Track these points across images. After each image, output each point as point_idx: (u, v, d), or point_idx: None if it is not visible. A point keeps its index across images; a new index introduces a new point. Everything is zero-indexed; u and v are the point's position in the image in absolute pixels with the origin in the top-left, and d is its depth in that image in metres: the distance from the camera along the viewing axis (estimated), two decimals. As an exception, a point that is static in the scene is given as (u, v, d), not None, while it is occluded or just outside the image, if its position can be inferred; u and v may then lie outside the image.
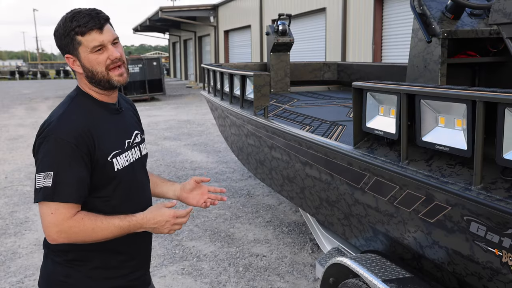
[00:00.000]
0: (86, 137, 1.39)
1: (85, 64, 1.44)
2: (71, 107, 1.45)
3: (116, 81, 1.46)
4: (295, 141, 2.99)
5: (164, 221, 1.45)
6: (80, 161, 1.37)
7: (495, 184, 1.51)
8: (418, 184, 1.82)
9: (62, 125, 1.38)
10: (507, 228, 1.45)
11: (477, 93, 1.50)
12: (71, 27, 1.40)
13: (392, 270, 2.05)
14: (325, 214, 2.92)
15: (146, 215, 1.45)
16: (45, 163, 1.35)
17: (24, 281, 3.49)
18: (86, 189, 1.40)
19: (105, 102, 1.51)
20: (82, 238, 1.38)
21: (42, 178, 1.35)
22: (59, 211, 1.34)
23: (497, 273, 1.54)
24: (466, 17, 2.80)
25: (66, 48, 1.44)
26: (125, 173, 1.50)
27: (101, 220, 1.39)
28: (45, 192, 1.34)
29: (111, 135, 1.48)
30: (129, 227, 1.43)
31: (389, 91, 1.97)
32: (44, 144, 1.37)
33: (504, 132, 1.43)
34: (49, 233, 1.36)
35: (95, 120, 1.45)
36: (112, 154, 1.46)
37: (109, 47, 1.43)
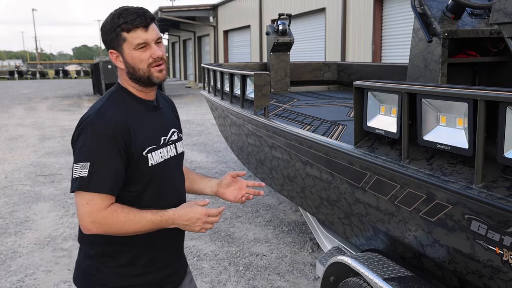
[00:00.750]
0: (122, 130, 1.41)
1: (127, 60, 1.46)
2: (110, 101, 1.48)
3: (156, 78, 1.48)
4: (296, 140, 3.00)
5: (196, 218, 1.44)
6: (116, 153, 1.40)
7: (496, 182, 1.52)
8: (419, 183, 1.82)
9: (100, 117, 1.42)
10: (508, 227, 1.46)
11: (478, 92, 1.51)
12: (118, 23, 1.44)
13: (393, 269, 2.06)
14: (325, 213, 2.93)
15: (178, 211, 1.45)
16: (82, 153, 1.38)
17: (25, 280, 3.49)
18: (121, 181, 1.42)
19: (143, 99, 1.54)
20: (114, 229, 1.40)
21: (79, 168, 1.37)
22: (93, 201, 1.37)
23: (498, 272, 1.55)
24: (466, 16, 2.81)
25: (111, 43, 1.47)
26: (159, 169, 1.51)
27: (133, 213, 1.40)
28: (80, 182, 1.36)
29: (147, 130, 1.50)
30: (160, 222, 1.43)
31: (390, 90, 1.98)
32: (82, 136, 1.40)
33: (506, 131, 1.44)
34: (83, 222, 1.38)
35: (132, 115, 1.47)
36: (147, 149, 1.47)
37: (153, 45, 1.46)
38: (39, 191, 5.84)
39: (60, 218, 4.85)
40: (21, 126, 11.68)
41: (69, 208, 5.16)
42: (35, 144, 9.18)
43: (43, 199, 5.50)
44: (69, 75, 42.93)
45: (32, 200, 5.46)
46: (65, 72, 43.36)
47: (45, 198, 5.54)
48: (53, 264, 3.77)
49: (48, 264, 3.77)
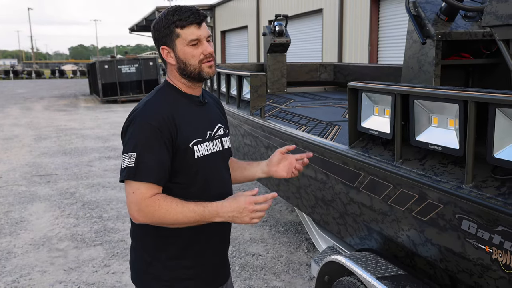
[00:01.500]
0: (169, 122, 1.46)
1: (179, 56, 1.51)
2: (157, 96, 1.54)
3: (206, 73, 1.53)
4: (291, 141, 3.02)
5: (242, 208, 1.41)
6: (162, 144, 1.43)
7: (486, 182, 1.54)
8: (411, 183, 1.85)
9: (147, 110, 1.48)
10: (497, 225, 1.49)
11: (469, 93, 1.54)
12: (172, 20, 1.48)
13: (386, 268, 2.08)
14: (320, 213, 2.95)
15: (222, 203, 1.44)
16: (130, 144, 1.44)
17: (20, 281, 3.49)
18: (166, 172, 1.46)
19: (189, 94, 1.58)
20: (157, 218, 1.42)
21: (127, 158, 1.42)
22: (139, 190, 1.41)
23: (487, 270, 1.58)
24: (460, 19, 2.84)
25: (164, 39, 1.51)
26: (205, 162, 1.54)
27: (176, 203, 1.42)
28: (128, 171, 1.41)
29: (193, 123, 1.54)
30: (203, 212, 1.42)
31: (384, 91, 2.00)
32: (130, 127, 1.46)
33: (495, 132, 1.47)
34: (131, 211, 1.43)
35: (178, 108, 1.52)
36: (193, 141, 1.51)
37: (204, 42, 1.51)
38: (35, 192, 5.83)
39: (55, 218, 4.86)
40: (17, 126, 11.65)
41: (65, 209, 5.16)
42: (30, 144, 9.17)
43: (38, 200, 5.50)
44: (65, 75, 42.79)
45: (27, 201, 5.46)
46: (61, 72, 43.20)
47: (40, 199, 5.54)
48: (48, 264, 3.77)
49: (43, 264, 3.77)
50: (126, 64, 17.77)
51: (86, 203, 5.35)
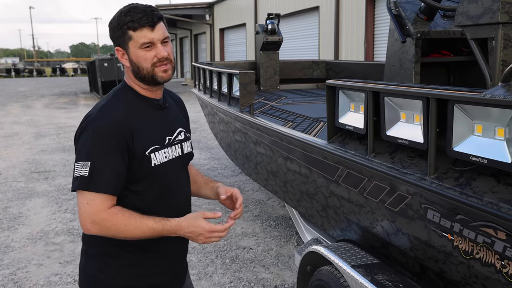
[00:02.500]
0: (125, 129, 1.40)
1: (132, 59, 1.45)
2: (113, 100, 1.47)
3: (160, 77, 1.46)
4: (277, 136, 3.12)
5: (199, 233, 1.42)
6: (117, 153, 1.38)
7: (446, 174, 1.64)
8: (382, 175, 1.95)
9: (102, 116, 1.41)
10: (456, 214, 1.59)
11: (430, 90, 1.63)
12: (125, 21, 1.42)
13: (361, 257, 2.18)
14: (305, 206, 3.05)
15: (181, 223, 1.42)
16: (83, 152, 1.38)
17: (17, 273, 3.60)
18: (121, 181, 1.41)
19: (148, 97, 1.52)
20: (114, 232, 1.38)
21: (80, 167, 1.36)
22: (94, 201, 1.35)
23: (450, 256, 1.68)
24: (439, 18, 2.93)
25: (117, 40, 1.46)
26: (162, 169, 1.48)
27: (135, 218, 1.38)
28: (81, 181, 1.36)
29: (150, 129, 1.48)
30: (162, 230, 1.41)
31: (358, 89, 2.10)
32: (84, 134, 1.40)
33: (454, 127, 1.56)
34: (83, 222, 1.37)
35: (136, 114, 1.46)
36: (150, 149, 1.45)
37: (158, 45, 1.44)
38: (33, 188, 5.94)
39: (53, 213, 4.97)
40: (17, 123, 11.77)
41: (62, 204, 5.27)
42: (30, 141, 9.28)
43: (36, 195, 5.61)
44: (66, 73, 42.95)
45: (26, 196, 5.57)
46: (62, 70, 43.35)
47: (38, 195, 5.65)
48: (45, 258, 3.88)
49: (40, 258, 3.88)
50: (125, 63, 17.80)
51: (83, 199, 5.46)
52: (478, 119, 1.51)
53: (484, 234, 1.49)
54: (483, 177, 1.52)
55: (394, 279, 1.95)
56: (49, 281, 3.47)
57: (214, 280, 3.53)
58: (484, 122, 1.49)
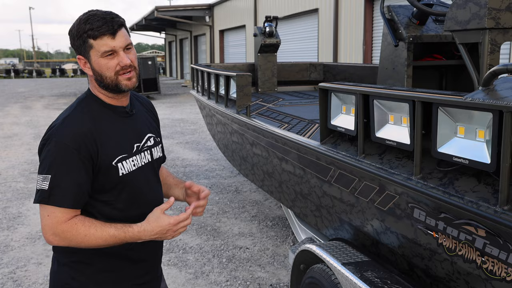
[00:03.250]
0: (88, 141, 1.37)
1: (95, 68, 1.42)
2: (77, 110, 1.44)
3: (124, 85, 1.44)
4: (273, 138, 3.18)
5: (166, 229, 1.41)
6: (80, 166, 1.36)
7: (431, 174, 1.70)
8: (372, 175, 2.01)
9: (65, 128, 1.38)
10: (440, 213, 1.65)
11: (415, 94, 1.70)
12: (84, 30, 1.39)
13: (352, 255, 2.24)
14: (300, 206, 3.11)
15: (144, 227, 1.40)
16: (44, 165, 1.36)
17: (16, 272, 3.66)
18: (85, 194, 1.39)
19: (114, 105, 1.49)
20: (75, 243, 1.38)
21: (41, 181, 1.35)
22: (54, 214, 1.35)
23: (434, 253, 1.74)
24: (431, 23, 3.00)
25: (78, 49, 1.43)
26: (131, 178, 1.47)
27: (95, 227, 1.37)
28: (42, 195, 1.35)
29: (117, 139, 1.45)
30: (124, 237, 1.39)
31: (349, 91, 2.16)
32: (46, 146, 1.37)
33: (438, 128, 1.63)
34: (45, 234, 1.38)
35: (100, 124, 1.43)
36: (117, 159, 1.43)
37: (120, 53, 1.41)
38: (32, 188, 6.00)
39: (52, 213, 5.02)
40: (16, 124, 11.83)
41: (62, 204, 5.32)
42: (29, 142, 9.34)
43: (36, 195, 5.67)
44: (66, 74, 42.99)
45: (25, 197, 5.63)
46: (62, 70, 43.38)
47: (38, 195, 5.71)
48: (44, 257, 3.94)
49: (39, 257, 3.94)
50: (125, 63, 17.89)
51: (82, 199, 5.52)
52: (461, 121, 1.57)
53: (465, 232, 1.55)
54: (465, 177, 1.58)
55: (383, 276, 2.01)
56: (48, 280, 3.53)
57: (210, 279, 3.58)
58: (466, 124, 1.55)
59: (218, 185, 6.07)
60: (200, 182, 6.24)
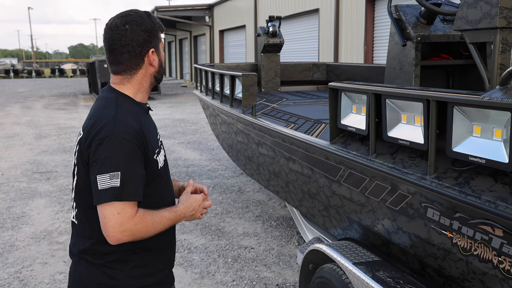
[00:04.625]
0: (141, 136, 1.43)
1: (160, 59, 1.54)
2: (120, 108, 1.46)
3: None
4: (279, 137, 3.18)
5: (197, 206, 1.57)
6: (140, 160, 1.42)
7: (446, 173, 1.70)
8: (384, 175, 2.01)
9: (121, 125, 1.40)
10: (455, 212, 1.65)
11: (430, 93, 1.69)
12: (157, 23, 1.50)
13: (363, 255, 2.24)
14: (307, 206, 3.11)
15: (184, 206, 1.54)
16: (109, 163, 1.36)
17: (22, 271, 3.65)
18: (144, 186, 1.45)
19: (140, 103, 1.56)
20: (144, 233, 1.42)
21: (108, 179, 1.35)
22: (125, 210, 1.36)
23: (449, 253, 1.74)
24: (439, 22, 3.00)
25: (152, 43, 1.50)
26: (163, 171, 1.57)
27: (155, 214, 1.45)
28: (113, 192, 1.35)
29: (151, 134, 1.53)
30: (175, 217, 1.50)
31: (360, 91, 2.16)
32: (105, 145, 1.37)
33: (453, 128, 1.62)
34: (114, 233, 1.36)
35: (140, 120, 1.49)
36: (156, 152, 1.51)
37: None
38: (35, 188, 5.99)
39: (56, 213, 5.01)
40: (17, 124, 11.81)
41: (65, 204, 5.32)
42: (31, 142, 9.32)
43: (39, 196, 5.66)
44: (65, 74, 42.95)
45: (28, 196, 5.62)
46: (61, 71, 43.35)
47: (41, 195, 5.70)
48: (49, 256, 3.93)
49: (44, 256, 3.93)
50: (125, 63, 17.87)
51: (85, 199, 5.51)
52: (477, 120, 1.57)
53: (482, 232, 1.55)
54: (481, 176, 1.58)
55: (395, 275, 2.01)
56: (54, 279, 3.52)
57: (216, 278, 3.58)
58: (482, 123, 1.55)
59: (221, 185, 6.06)
60: (203, 182, 6.23)
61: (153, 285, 1.58)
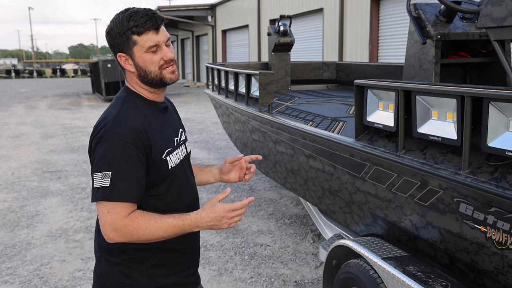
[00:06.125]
0: (142, 136, 1.40)
1: (138, 64, 1.46)
2: (125, 107, 1.46)
3: (169, 79, 1.49)
4: (300, 135, 3.20)
5: (221, 217, 1.43)
6: (137, 160, 1.39)
7: (480, 168, 1.73)
8: (414, 171, 2.03)
9: (119, 124, 1.40)
10: (490, 207, 1.67)
11: (465, 89, 1.72)
12: (128, 27, 1.42)
13: (390, 250, 2.27)
14: (327, 203, 3.13)
15: (200, 214, 1.44)
16: (103, 162, 1.36)
17: (41, 269, 3.68)
18: (142, 188, 1.42)
19: (154, 101, 1.54)
20: (136, 237, 1.39)
21: (100, 178, 1.36)
22: (115, 210, 1.36)
23: (482, 247, 1.76)
24: (458, 20, 3.02)
25: (120, 46, 1.45)
26: (177, 171, 1.53)
27: (154, 219, 1.39)
28: (103, 192, 1.35)
29: (162, 133, 1.50)
30: (183, 226, 1.42)
31: (389, 88, 2.18)
32: (101, 144, 1.38)
33: (489, 123, 1.65)
34: (105, 232, 1.38)
35: (148, 119, 1.46)
36: (165, 152, 1.48)
37: (163, 47, 1.46)
38: (47, 187, 6.02)
39: (69, 212, 5.04)
40: (23, 124, 11.83)
41: (78, 203, 5.34)
42: (38, 141, 9.35)
43: (51, 194, 5.68)
44: (66, 74, 42.97)
45: (40, 195, 5.64)
46: (62, 71, 43.37)
47: (53, 193, 5.72)
48: (67, 254, 3.96)
49: (62, 254, 3.96)
50: (128, 64, 17.91)
51: (97, 197, 5.53)
52: (514, 116, 1.60)
53: (519, 225, 1.57)
54: (518, 171, 1.60)
55: (425, 270, 2.04)
56: (74, 277, 3.55)
57: (235, 275, 3.60)
58: (519, 118, 1.57)
59: (231, 184, 6.09)
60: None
61: (171, 286, 1.56)
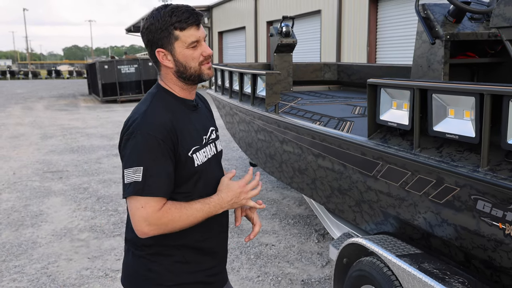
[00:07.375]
0: (171, 132, 1.42)
1: (179, 59, 1.47)
2: (154, 104, 1.48)
3: (207, 75, 1.51)
4: (309, 134, 3.21)
5: (238, 192, 1.50)
6: (166, 156, 1.40)
7: (500, 165, 1.75)
8: (430, 169, 2.05)
9: (148, 120, 1.41)
10: (510, 204, 1.69)
11: (485, 87, 1.74)
12: (171, 22, 1.43)
13: (403, 248, 2.28)
14: (336, 202, 3.14)
15: (221, 196, 1.49)
16: (133, 158, 1.38)
17: (48, 267, 3.66)
18: (172, 183, 1.44)
19: (184, 99, 1.55)
20: (171, 227, 1.41)
21: (132, 173, 1.37)
22: (148, 204, 1.37)
23: (500, 244, 1.78)
24: (466, 21, 3.05)
25: (160, 42, 1.46)
26: (204, 169, 1.53)
27: (185, 207, 1.43)
28: (135, 187, 1.37)
29: (190, 131, 1.51)
30: (209, 209, 1.46)
31: (403, 87, 2.20)
32: (131, 140, 1.40)
33: (509, 121, 1.67)
34: (139, 227, 1.39)
35: (176, 116, 1.48)
36: (192, 150, 1.49)
37: (203, 43, 1.49)
38: (49, 187, 5.99)
39: (73, 211, 5.02)
40: (21, 125, 11.77)
41: (81, 203, 5.32)
42: (37, 142, 9.30)
43: (54, 194, 5.66)
44: (62, 75, 42.81)
45: (43, 195, 5.62)
46: (58, 72, 43.22)
47: (55, 193, 5.70)
48: (73, 253, 3.95)
49: (68, 253, 3.95)
50: (126, 65, 17.93)
51: (100, 197, 5.52)
52: (534, 113, 1.62)
53: (539, 221, 1.59)
54: (538, 167, 1.62)
55: (440, 267, 2.05)
56: (81, 275, 3.54)
57: (241, 274, 3.61)
58: (539, 116, 1.59)
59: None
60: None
61: (194, 284, 1.56)
